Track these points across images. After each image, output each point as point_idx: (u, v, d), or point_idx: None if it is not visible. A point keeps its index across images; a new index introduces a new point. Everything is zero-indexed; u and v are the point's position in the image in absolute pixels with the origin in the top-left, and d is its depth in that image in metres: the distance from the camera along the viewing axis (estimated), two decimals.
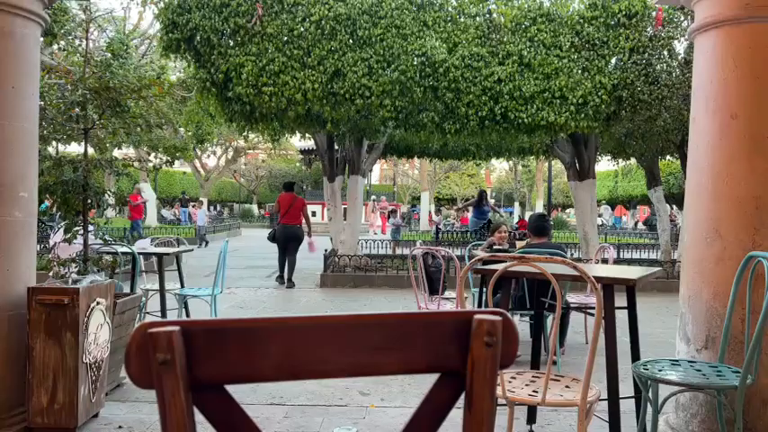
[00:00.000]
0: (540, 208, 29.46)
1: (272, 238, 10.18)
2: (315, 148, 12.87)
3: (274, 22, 8.28)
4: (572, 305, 5.21)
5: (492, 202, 16.03)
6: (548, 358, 2.57)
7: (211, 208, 32.24)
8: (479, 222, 13.75)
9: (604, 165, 20.12)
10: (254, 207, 40.43)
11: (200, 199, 29.68)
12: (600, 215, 26.50)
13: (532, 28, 8.61)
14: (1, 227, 3.14)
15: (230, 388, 0.79)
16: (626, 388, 3.38)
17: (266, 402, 3.94)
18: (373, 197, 29.70)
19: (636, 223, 31.94)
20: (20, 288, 3.22)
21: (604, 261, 6.24)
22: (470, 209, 14.71)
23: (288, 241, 9.89)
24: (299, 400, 4.00)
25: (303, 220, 10.06)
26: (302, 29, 8.34)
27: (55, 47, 9.11)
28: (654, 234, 18.07)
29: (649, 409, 2.74)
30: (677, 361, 2.96)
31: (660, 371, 2.72)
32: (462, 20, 8.68)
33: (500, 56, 8.57)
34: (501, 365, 0.80)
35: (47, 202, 4.90)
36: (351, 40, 8.38)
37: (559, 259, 2.41)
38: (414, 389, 4.24)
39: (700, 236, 3.18)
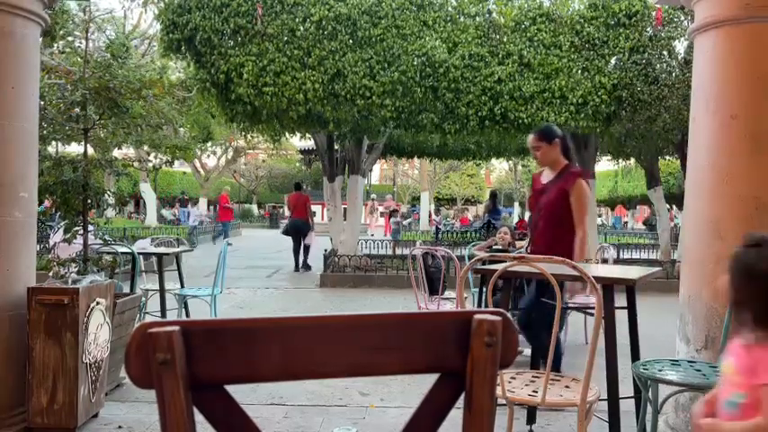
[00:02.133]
0: None
1: (285, 231, 12.36)
2: (315, 148, 12.88)
3: (274, 22, 8.29)
4: (571, 305, 5.20)
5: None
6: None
7: (211, 208, 32.16)
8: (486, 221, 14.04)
9: (604, 165, 20.11)
10: (254, 207, 40.39)
11: (194, 197, 29.51)
12: (600, 215, 26.49)
13: (532, 28, 8.61)
14: (1, 227, 3.14)
15: (230, 388, 0.79)
16: (626, 388, 3.38)
17: (266, 402, 3.94)
18: (373, 196, 29.15)
19: (625, 223, 31.92)
20: (20, 288, 3.22)
21: (604, 261, 6.24)
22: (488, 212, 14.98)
23: (296, 233, 11.85)
24: (298, 400, 4.00)
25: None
26: (302, 29, 8.35)
27: (55, 47, 9.11)
28: (654, 234, 18.07)
29: (649, 409, 2.74)
30: (677, 361, 2.96)
31: (660, 371, 2.72)
32: (462, 20, 8.68)
33: (500, 56, 8.57)
34: (501, 365, 0.80)
35: (45, 204, 4.90)
36: (351, 41, 8.38)
37: (559, 259, 2.41)
38: (414, 389, 4.24)
39: (700, 236, 3.18)
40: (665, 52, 8.64)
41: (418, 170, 35.40)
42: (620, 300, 2.92)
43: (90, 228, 4.31)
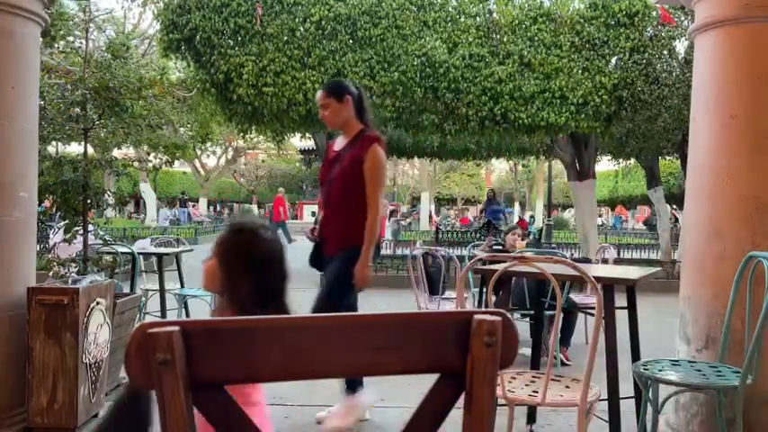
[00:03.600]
0: (540, 208, 29.43)
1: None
2: (315, 148, 12.90)
3: (274, 22, 8.28)
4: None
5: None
6: (548, 358, 2.57)
7: (211, 207, 32.13)
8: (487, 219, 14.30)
9: (604, 165, 20.11)
10: (254, 207, 40.37)
11: (183, 196, 29.33)
12: (600, 215, 26.49)
13: (533, 28, 8.61)
14: (1, 227, 3.14)
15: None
16: (626, 388, 3.38)
17: (266, 402, 3.93)
18: None
19: (622, 222, 31.96)
20: (20, 288, 3.22)
21: (605, 261, 6.24)
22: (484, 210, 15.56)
23: None
24: (298, 400, 3.99)
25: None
26: (302, 29, 8.34)
27: (55, 47, 9.11)
28: (654, 234, 18.07)
29: (649, 409, 2.74)
30: (677, 361, 2.96)
31: (660, 371, 2.72)
32: (462, 20, 8.68)
33: (500, 56, 8.57)
34: (501, 365, 0.79)
35: (45, 204, 4.90)
36: (351, 41, 8.38)
37: (559, 259, 2.41)
38: (414, 389, 4.21)
39: (700, 236, 3.18)
40: (665, 52, 8.65)
41: (418, 170, 35.39)
42: (621, 300, 2.92)
43: (90, 228, 4.31)
